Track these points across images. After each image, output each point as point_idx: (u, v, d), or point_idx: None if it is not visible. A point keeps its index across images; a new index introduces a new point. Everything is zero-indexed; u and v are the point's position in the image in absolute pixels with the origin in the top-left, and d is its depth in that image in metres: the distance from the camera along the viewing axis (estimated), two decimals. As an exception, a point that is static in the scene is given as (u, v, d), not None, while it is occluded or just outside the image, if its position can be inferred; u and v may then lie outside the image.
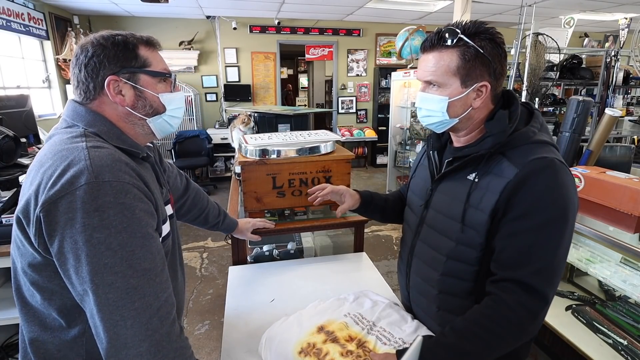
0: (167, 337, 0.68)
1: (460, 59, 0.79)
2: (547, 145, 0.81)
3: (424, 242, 0.96)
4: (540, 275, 0.74)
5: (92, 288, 0.63)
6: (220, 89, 6.05)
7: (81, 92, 0.76)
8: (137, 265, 0.65)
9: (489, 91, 0.82)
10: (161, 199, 0.83)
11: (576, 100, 1.86)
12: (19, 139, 1.68)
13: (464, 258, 0.86)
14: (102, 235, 0.62)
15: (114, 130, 0.76)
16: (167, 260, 0.85)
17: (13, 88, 4.08)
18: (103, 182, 0.63)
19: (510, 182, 0.77)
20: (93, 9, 5.11)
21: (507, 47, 3.52)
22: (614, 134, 4.37)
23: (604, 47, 5.54)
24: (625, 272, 1.41)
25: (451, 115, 0.85)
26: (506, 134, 0.81)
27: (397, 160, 4.75)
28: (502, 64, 0.82)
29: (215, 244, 3.61)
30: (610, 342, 1.34)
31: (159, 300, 0.67)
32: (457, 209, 0.85)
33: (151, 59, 0.78)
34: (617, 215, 1.32)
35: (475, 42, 0.78)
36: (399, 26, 4.97)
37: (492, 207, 0.79)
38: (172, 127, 0.86)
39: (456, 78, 0.81)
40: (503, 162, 0.80)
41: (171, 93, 0.82)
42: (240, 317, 1.17)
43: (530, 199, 0.75)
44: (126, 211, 0.65)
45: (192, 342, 2.24)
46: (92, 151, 0.67)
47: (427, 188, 0.98)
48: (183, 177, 1.21)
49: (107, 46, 0.74)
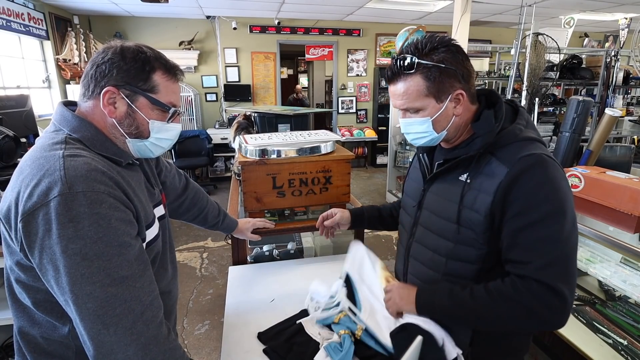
0: (154, 340, 0.69)
1: (426, 80, 0.81)
2: (534, 141, 0.82)
3: (420, 242, 0.97)
4: (548, 270, 0.74)
5: (72, 298, 0.63)
6: (220, 89, 6.05)
7: (83, 88, 0.76)
8: (114, 273, 0.65)
9: (465, 95, 0.84)
10: (148, 203, 0.83)
11: (576, 100, 1.86)
12: (19, 139, 1.68)
13: (465, 257, 0.86)
14: (77, 246, 0.63)
15: (98, 137, 0.75)
16: (157, 260, 0.86)
17: (13, 88, 4.08)
18: (77, 192, 0.63)
19: (503, 182, 0.78)
20: (93, 9, 5.10)
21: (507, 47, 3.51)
22: (614, 134, 4.37)
23: (604, 47, 5.55)
24: (625, 272, 1.41)
25: (438, 131, 0.86)
26: (494, 133, 0.82)
27: (397, 160, 4.75)
28: (466, 66, 0.83)
29: (215, 244, 3.61)
30: (610, 342, 1.34)
31: (142, 304, 0.68)
32: (452, 210, 0.86)
33: (162, 87, 0.78)
34: (617, 215, 1.32)
35: (434, 60, 0.79)
36: (399, 26, 4.97)
37: (487, 208, 0.80)
38: (153, 154, 0.84)
39: (430, 98, 0.82)
40: (493, 162, 0.81)
41: (164, 123, 0.81)
42: (240, 317, 1.17)
43: (524, 196, 0.76)
44: (101, 221, 0.65)
45: (192, 342, 2.24)
46: (68, 160, 0.66)
47: (419, 189, 0.99)
48: (182, 176, 1.21)
49: (126, 58, 0.74)
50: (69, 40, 4.96)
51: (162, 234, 0.90)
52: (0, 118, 1.94)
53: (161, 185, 1.10)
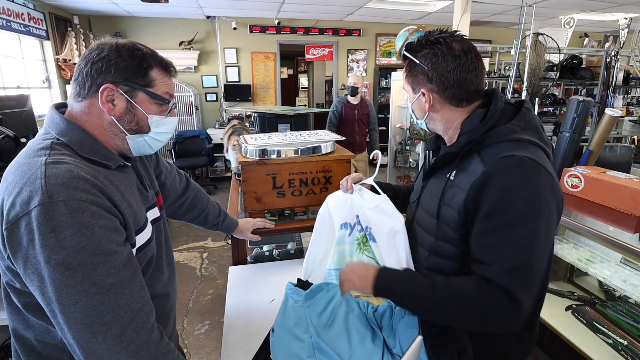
0: (145, 346, 0.68)
1: (406, 71, 0.91)
2: (526, 143, 0.79)
3: (413, 238, 0.99)
4: (509, 276, 0.72)
5: (59, 308, 0.63)
6: (220, 89, 6.05)
7: (77, 87, 0.75)
8: (100, 282, 0.64)
9: (433, 95, 0.86)
10: (140, 207, 0.82)
11: (576, 100, 1.86)
12: (19, 139, 1.67)
13: (444, 253, 0.87)
14: (60, 256, 0.61)
15: (86, 140, 0.74)
16: (152, 263, 0.85)
17: (13, 88, 4.08)
18: (57, 201, 0.62)
19: (477, 180, 0.77)
20: (93, 9, 5.10)
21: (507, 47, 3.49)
22: (614, 134, 4.37)
23: (604, 47, 5.55)
24: (625, 272, 1.41)
25: (418, 117, 0.94)
26: (478, 132, 0.82)
27: (397, 160, 4.75)
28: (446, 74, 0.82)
29: (215, 244, 3.61)
30: (610, 342, 1.34)
31: (130, 311, 0.67)
32: (434, 206, 0.88)
33: (158, 82, 0.78)
34: (617, 215, 1.33)
35: (418, 56, 0.86)
36: (399, 26, 4.97)
37: (461, 204, 0.80)
38: (152, 149, 0.84)
39: (409, 86, 0.92)
40: (475, 160, 0.81)
41: (163, 117, 0.82)
42: (240, 317, 1.17)
43: (494, 197, 0.74)
44: (84, 230, 0.63)
45: (192, 342, 2.24)
46: (50, 168, 0.65)
47: (420, 186, 1.01)
48: (183, 177, 1.21)
49: (123, 55, 0.74)
50: (69, 40, 4.96)
51: (157, 237, 0.89)
52: (0, 118, 1.94)
53: (161, 186, 1.09)
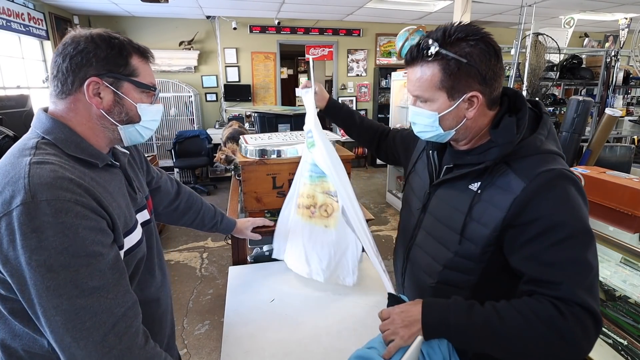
0: (128, 352, 0.66)
1: (442, 72, 0.74)
2: (554, 155, 0.76)
3: (420, 247, 0.94)
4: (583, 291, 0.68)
5: (40, 311, 0.61)
6: (220, 89, 6.05)
7: (57, 84, 0.72)
8: (83, 284, 0.62)
9: (482, 99, 0.76)
10: (129, 208, 0.81)
11: (576, 101, 1.86)
12: (18, 138, 1.68)
13: (461, 268, 0.83)
14: (41, 258, 0.59)
15: (72, 138, 0.73)
16: (141, 265, 0.84)
17: (13, 88, 4.07)
18: (40, 201, 0.60)
19: (518, 197, 0.71)
20: (93, 9, 5.10)
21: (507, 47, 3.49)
22: (614, 134, 4.37)
23: (604, 47, 5.55)
24: (625, 272, 1.41)
25: (445, 128, 0.80)
26: (513, 144, 0.75)
27: (397, 160, 4.74)
28: (493, 68, 0.74)
29: (215, 244, 3.61)
30: (610, 342, 1.34)
31: (113, 316, 0.65)
32: (458, 220, 0.81)
33: (141, 70, 0.77)
34: (617, 215, 1.33)
35: (457, 52, 0.72)
36: (399, 26, 4.97)
37: (498, 223, 0.74)
38: (143, 138, 0.84)
39: (442, 92, 0.76)
40: (509, 175, 0.74)
41: (150, 105, 0.81)
42: (240, 317, 1.17)
43: (546, 214, 0.70)
44: (67, 230, 0.61)
45: (192, 342, 2.24)
46: (34, 168, 0.63)
47: (425, 190, 0.94)
48: (174, 182, 1.21)
49: (101, 46, 0.72)
50: (69, 40, 4.96)
51: (148, 240, 0.88)
52: (0, 118, 1.94)
53: (155, 190, 1.10)
